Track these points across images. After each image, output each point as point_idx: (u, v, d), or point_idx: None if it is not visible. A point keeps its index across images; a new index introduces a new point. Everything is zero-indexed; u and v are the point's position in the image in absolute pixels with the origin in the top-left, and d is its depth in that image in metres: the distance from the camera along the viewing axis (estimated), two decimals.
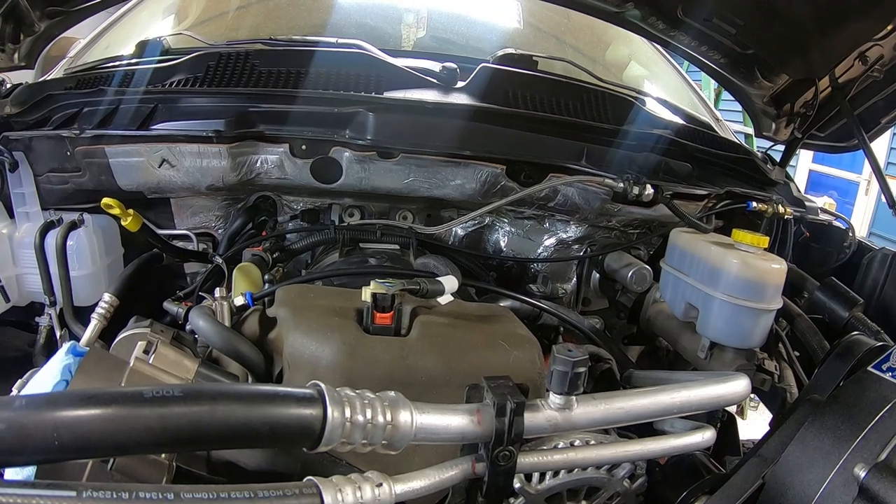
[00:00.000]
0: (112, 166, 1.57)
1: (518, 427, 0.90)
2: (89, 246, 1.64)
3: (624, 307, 1.84)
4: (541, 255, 1.86)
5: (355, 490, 0.80)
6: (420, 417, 0.87)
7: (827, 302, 1.58)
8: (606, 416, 0.94)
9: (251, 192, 1.74)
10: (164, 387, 0.72)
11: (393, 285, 1.12)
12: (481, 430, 0.90)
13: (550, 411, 0.92)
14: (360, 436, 0.82)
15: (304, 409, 0.79)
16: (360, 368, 1.09)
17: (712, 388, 1.00)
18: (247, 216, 1.75)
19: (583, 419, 0.93)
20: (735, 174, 1.93)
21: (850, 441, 0.99)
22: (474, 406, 0.91)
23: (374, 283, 1.12)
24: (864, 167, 7.38)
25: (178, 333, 1.25)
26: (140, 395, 0.70)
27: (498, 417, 0.89)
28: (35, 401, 0.66)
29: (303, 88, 1.65)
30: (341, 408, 0.80)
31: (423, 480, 0.91)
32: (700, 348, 1.53)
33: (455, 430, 0.89)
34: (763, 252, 1.47)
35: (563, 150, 1.66)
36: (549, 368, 0.91)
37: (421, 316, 1.16)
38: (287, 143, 1.58)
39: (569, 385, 0.89)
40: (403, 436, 0.85)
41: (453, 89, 1.70)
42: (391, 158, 1.58)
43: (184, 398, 0.72)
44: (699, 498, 1.14)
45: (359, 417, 0.81)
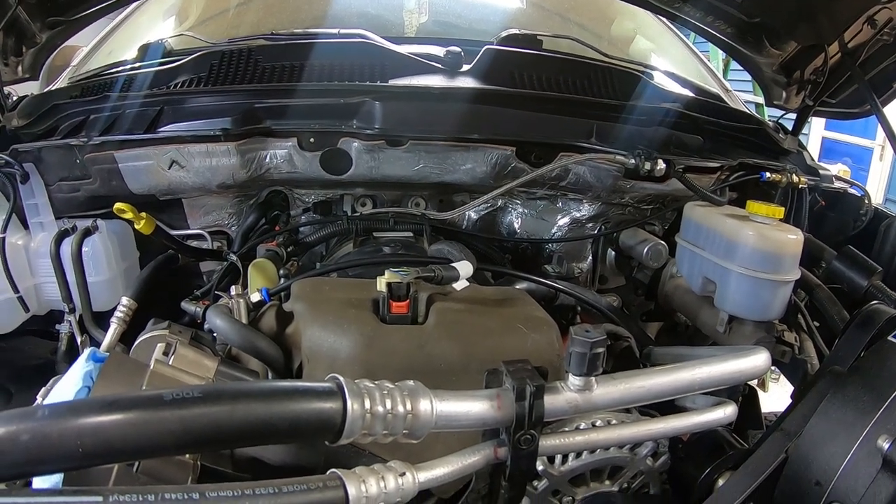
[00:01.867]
0: (122, 171, 1.58)
1: (538, 410, 0.89)
2: (104, 251, 1.65)
3: (641, 284, 1.83)
4: (555, 234, 1.85)
5: (378, 480, 0.81)
6: (440, 405, 0.87)
7: (845, 271, 1.56)
8: (626, 395, 0.93)
9: (262, 187, 1.74)
10: (184, 388, 0.73)
11: (408, 274, 1.12)
12: (502, 415, 0.90)
13: (570, 393, 0.92)
14: (381, 427, 0.82)
15: (323, 402, 0.79)
16: (379, 359, 1.09)
17: (732, 363, 1.00)
18: (259, 212, 1.75)
19: (603, 400, 0.93)
20: (747, 145, 1.90)
21: (873, 413, 0.98)
22: (494, 391, 0.91)
23: (389, 273, 1.12)
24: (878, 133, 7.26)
25: (197, 333, 1.25)
26: (160, 398, 0.71)
27: (518, 402, 0.89)
28: (57, 410, 0.67)
29: (307, 81, 1.65)
30: (361, 400, 0.80)
31: (446, 467, 0.91)
32: (719, 322, 1.51)
33: (475, 416, 0.89)
34: (779, 223, 1.45)
35: (572, 129, 1.65)
36: (568, 350, 0.90)
37: (437, 303, 1.16)
38: (295, 137, 1.57)
39: (588, 366, 0.89)
40: (424, 424, 0.85)
41: (459, 73, 1.69)
42: (400, 146, 1.57)
43: (203, 399, 0.72)
44: (723, 474, 1.14)
45: (379, 408, 0.81)
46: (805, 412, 1.08)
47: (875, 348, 1.10)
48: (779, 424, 1.13)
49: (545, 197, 1.82)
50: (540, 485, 1.13)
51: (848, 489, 0.98)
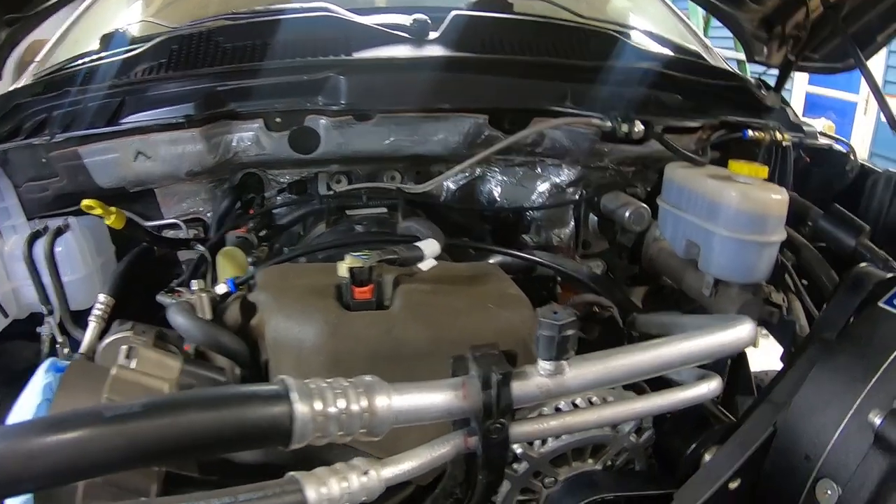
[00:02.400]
0: (88, 166, 1.49)
1: (506, 398, 0.81)
2: (79, 249, 1.56)
3: (624, 248, 1.75)
4: (535, 201, 1.76)
5: (340, 481, 0.74)
6: (399, 400, 0.78)
7: (832, 230, 1.47)
8: (602, 376, 0.85)
9: (234, 171, 1.65)
10: (126, 404, 0.68)
11: (369, 258, 1.03)
12: (468, 405, 0.82)
13: (540, 378, 0.83)
14: (336, 428, 0.74)
15: (270, 407, 0.71)
16: (345, 347, 1.01)
17: (715, 336, 0.91)
18: (234, 196, 1.66)
19: (576, 383, 0.84)
20: (729, 103, 1.80)
21: (864, 384, 0.90)
22: (459, 380, 0.83)
23: (350, 258, 1.03)
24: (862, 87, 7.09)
25: (162, 332, 1.18)
26: (100, 415, 0.66)
27: (484, 390, 0.81)
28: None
29: (270, 60, 1.55)
30: (310, 401, 0.72)
31: (413, 461, 0.84)
32: (704, 286, 1.43)
33: (439, 407, 0.81)
34: (763, 182, 1.37)
35: (546, 93, 1.55)
36: (536, 333, 0.82)
37: (403, 285, 1.08)
38: (261, 118, 1.48)
39: (557, 350, 0.81)
40: (383, 421, 0.77)
41: (426, 42, 1.58)
42: (368, 120, 1.48)
43: (145, 412, 0.67)
44: (709, 448, 1.06)
45: (331, 409, 0.73)
46: (794, 382, 1.00)
47: (865, 314, 1.02)
48: (767, 395, 1.05)
49: (523, 164, 1.73)
50: (520, 467, 1.06)
51: (838, 465, 0.91)
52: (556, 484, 1.09)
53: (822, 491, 0.93)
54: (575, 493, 1.07)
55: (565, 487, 1.09)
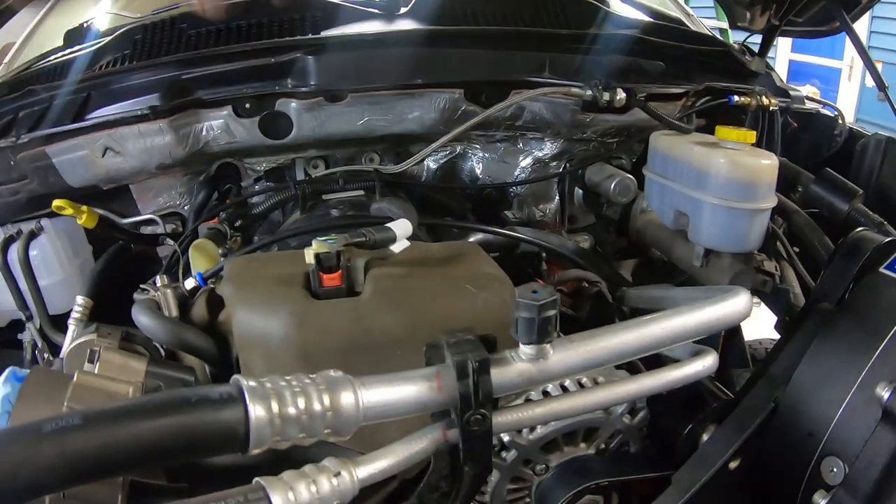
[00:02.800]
0: (57, 166, 1.40)
1: (485, 387, 0.73)
2: (54, 252, 1.50)
3: (611, 221, 1.67)
4: (518, 177, 1.67)
5: (309, 485, 0.66)
6: (367, 395, 0.70)
7: (825, 195, 1.39)
8: (588, 359, 0.76)
9: (208, 162, 1.56)
10: (65, 416, 0.60)
11: (335, 241, 0.94)
12: (444, 397, 0.73)
13: (522, 364, 0.75)
14: (296, 430, 0.65)
15: (222, 411, 0.62)
16: (314, 339, 0.92)
17: (709, 310, 0.82)
18: (210, 187, 1.56)
19: (561, 367, 0.76)
20: (712, 69, 1.71)
21: (869, 355, 0.82)
22: (432, 370, 0.74)
23: (316, 243, 0.94)
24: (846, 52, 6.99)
25: (128, 332, 1.10)
26: (38, 429, 0.58)
27: (460, 380, 0.72)
28: None
29: (236, 43, 1.45)
30: (266, 403, 0.63)
31: (389, 459, 0.75)
32: (694, 256, 1.36)
33: (412, 401, 0.72)
34: (751, 148, 1.29)
35: (523, 64, 1.46)
36: (514, 315, 0.73)
37: (374, 270, 0.99)
38: (229, 105, 1.39)
39: (538, 333, 0.72)
40: (349, 420, 0.69)
41: (397, 16, 1.49)
42: (341, 101, 1.38)
43: (84, 425, 0.59)
44: (707, 428, 0.98)
45: (290, 410, 0.65)
46: (793, 356, 0.92)
47: (866, 281, 0.94)
48: (765, 370, 0.97)
49: (505, 139, 1.64)
50: (509, 455, 0.98)
51: (844, 441, 0.83)
52: (548, 471, 1.01)
53: (828, 469, 0.85)
54: (568, 481, 0.99)
55: (557, 474, 1.01)
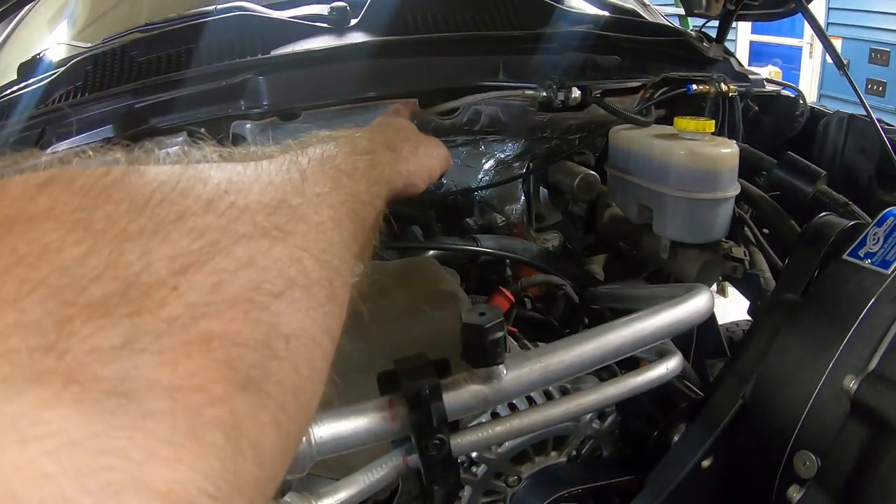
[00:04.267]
0: None
1: (439, 413, 0.69)
2: None
3: (578, 217, 1.63)
4: (482, 179, 1.63)
5: None
6: (319, 430, 0.66)
7: (788, 179, 1.35)
8: (544, 375, 0.73)
9: None
10: None
11: None
12: (398, 426, 0.70)
13: (475, 386, 0.71)
14: None
15: None
16: None
17: (667, 314, 0.79)
18: None
19: (516, 385, 0.72)
20: (670, 59, 1.67)
21: (835, 347, 0.78)
22: (385, 399, 0.70)
23: None
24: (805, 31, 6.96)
25: None
26: None
27: (413, 409, 0.68)
28: None
29: (187, 68, 1.40)
30: None
31: (351, 489, 0.72)
32: (661, 249, 1.32)
33: (366, 432, 0.69)
34: (711, 137, 1.25)
35: (476, 69, 1.41)
36: (461, 339, 0.69)
37: None
38: (185, 131, 1.34)
39: (487, 355, 0.68)
40: (301, 457, 0.65)
41: (347, 29, 1.44)
42: (295, 119, 1.34)
43: None
44: (677, 428, 0.94)
45: None
46: (759, 351, 0.89)
47: (830, 269, 0.90)
48: (732, 365, 0.93)
49: (465, 143, 1.59)
50: (479, 470, 0.94)
51: (815, 435, 0.79)
52: (521, 482, 0.97)
53: (801, 462, 0.81)
54: (541, 490, 0.95)
55: (530, 485, 0.97)
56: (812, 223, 1.02)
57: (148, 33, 1.53)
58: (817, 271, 0.96)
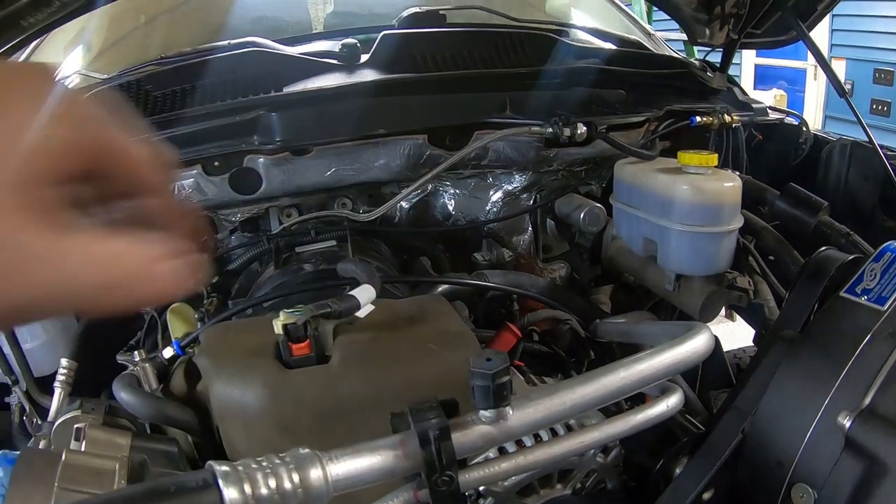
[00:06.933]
0: None
1: (447, 452, 0.75)
2: None
3: (584, 249, 1.68)
4: (490, 211, 1.70)
5: None
6: (335, 468, 0.71)
7: (790, 210, 1.42)
8: (548, 415, 0.78)
9: None
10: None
11: (302, 314, 0.96)
12: (410, 463, 0.75)
13: (482, 426, 0.77)
14: None
15: (198, 498, 0.65)
16: (288, 409, 0.94)
17: (667, 354, 0.84)
18: None
19: (521, 426, 0.78)
20: (674, 90, 1.74)
21: (831, 383, 0.83)
22: (397, 438, 0.76)
23: (283, 314, 0.96)
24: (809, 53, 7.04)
25: (110, 406, 1.10)
26: None
27: (424, 447, 0.74)
28: None
29: (202, 103, 1.47)
30: (239, 486, 0.65)
31: None
32: (666, 281, 1.38)
33: (380, 469, 0.74)
34: (714, 170, 1.31)
35: (484, 105, 1.48)
36: (470, 383, 0.75)
37: (341, 336, 1.00)
38: (198, 164, 1.41)
39: (494, 398, 0.74)
40: (319, 494, 0.70)
41: (357, 67, 1.51)
42: (307, 154, 1.41)
43: None
44: (679, 461, 1.00)
45: (262, 491, 0.66)
46: (759, 386, 0.94)
47: (828, 306, 0.96)
48: (733, 400, 0.99)
49: (474, 175, 1.66)
50: (486, 503, 0.99)
51: (812, 469, 0.85)
52: None
53: (798, 495, 0.87)
54: None
55: None
56: (812, 258, 1.07)
57: (163, 67, 1.61)
58: (817, 306, 1.01)
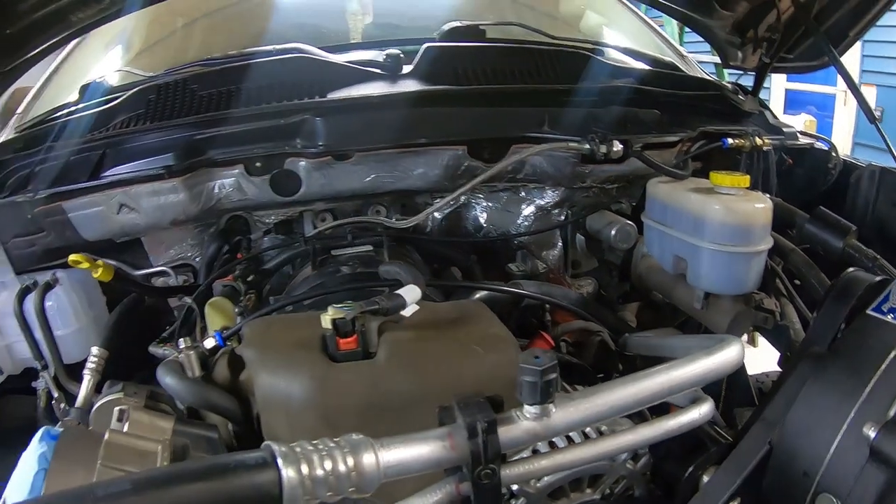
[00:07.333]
0: (73, 221, 1.49)
1: (494, 445, 0.80)
2: (69, 303, 1.56)
3: (614, 266, 1.74)
4: (521, 225, 1.75)
5: None
6: (386, 455, 0.77)
7: (819, 233, 1.46)
8: (588, 415, 0.84)
9: (219, 216, 1.65)
10: (115, 481, 0.68)
11: (352, 309, 1.02)
12: (457, 455, 0.81)
13: (527, 422, 0.82)
14: (324, 489, 0.73)
15: (257, 475, 0.71)
16: (333, 401, 1.00)
17: (701, 363, 0.90)
18: (220, 240, 1.66)
19: (563, 423, 0.83)
20: (707, 112, 1.80)
21: (856, 396, 0.89)
22: (445, 430, 0.82)
23: (333, 309, 1.03)
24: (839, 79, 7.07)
25: (153, 391, 1.16)
26: (92, 493, 0.66)
27: (471, 439, 0.80)
28: None
29: (246, 105, 1.55)
30: (297, 466, 0.71)
31: None
32: (695, 299, 1.43)
33: (427, 459, 0.80)
34: (745, 191, 1.36)
35: (523, 120, 1.55)
36: (518, 379, 0.81)
37: (387, 333, 1.07)
38: (241, 164, 1.48)
39: (540, 394, 0.80)
40: (371, 479, 0.76)
41: (400, 77, 1.58)
42: (348, 159, 1.48)
43: (134, 489, 0.67)
44: (707, 470, 1.05)
45: (318, 472, 0.72)
46: (786, 399, 0.99)
47: (855, 324, 1.01)
48: (761, 412, 1.04)
49: (507, 188, 1.72)
50: (518, 503, 1.04)
51: (837, 479, 0.89)
52: None
53: None
54: None
55: None
56: (840, 278, 1.12)
57: (209, 68, 1.68)
58: (844, 325, 1.06)
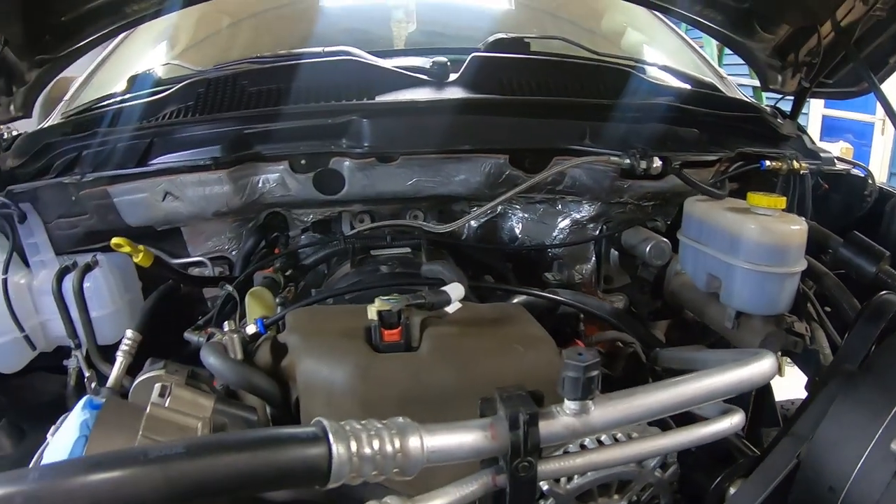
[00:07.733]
0: (117, 205, 1.55)
1: (534, 438, 0.85)
2: (106, 286, 1.62)
3: (646, 282, 1.77)
4: (556, 237, 1.80)
5: None
6: (430, 440, 0.82)
7: (853, 258, 1.50)
8: (626, 415, 0.89)
9: (259, 211, 1.71)
10: (168, 444, 0.72)
11: (398, 302, 1.08)
12: (497, 445, 0.86)
13: (567, 418, 0.87)
14: (370, 468, 0.78)
15: (308, 449, 0.76)
16: (375, 390, 1.05)
17: (737, 372, 0.94)
18: (258, 235, 1.72)
19: (601, 421, 0.88)
20: (745, 133, 1.84)
21: (885, 414, 0.93)
22: (487, 420, 0.87)
23: (379, 301, 1.08)
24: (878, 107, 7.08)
25: (193, 371, 1.22)
26: (145, 454, 0.70)
27: (512, 430, 0.84)
28: (47, 472, 0.68)
29: (294, 103, 1.61)
30: (346, 443, 0.76)
31: (443, 499, 0.87)
32: (726, 318, 1.45)
33: (469, 447, 0.85)
34: (782, 213, 1.39)
35: (565, 132, 1.59)
36: (561, 374, 0.85)
37: (430, 328, 1.12)
38: (286, 160, 1.54)
39: (582, 390, 0.84)
40: (415, 462, 0.81)
41: (446, 84, 1.64)
42: (392, 162, 1.53)
43: (187, 453, 0.71)
44: (734, 482, 1.09)
45: (366, 450, 0.78)
46: (816, 415, 1.03)
47: (886, 344, 1.05)
48: (789, 428, 1.07)
49: (543, 200, 1.77)
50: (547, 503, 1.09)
51: (863, 495, 0.93)
52: None
53: None
54: None
55: None
56: (872, 300, 1.16)
57: (259, 66, 1.75)
58: (875, 345, 1.10)
